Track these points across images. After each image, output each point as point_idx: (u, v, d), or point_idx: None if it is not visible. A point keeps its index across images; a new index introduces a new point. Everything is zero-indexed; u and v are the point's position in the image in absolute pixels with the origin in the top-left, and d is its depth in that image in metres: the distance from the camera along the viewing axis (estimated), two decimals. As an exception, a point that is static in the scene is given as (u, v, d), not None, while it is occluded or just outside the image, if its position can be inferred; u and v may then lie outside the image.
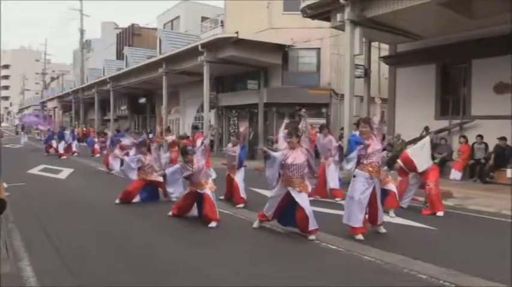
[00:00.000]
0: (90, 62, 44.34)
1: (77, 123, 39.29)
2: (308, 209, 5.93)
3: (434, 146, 13.84)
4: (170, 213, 7.44)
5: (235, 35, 17.52)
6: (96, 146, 20.91)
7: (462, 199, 9.18)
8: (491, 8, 10.93)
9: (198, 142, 8.88)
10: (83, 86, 38.70)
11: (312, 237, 5.95)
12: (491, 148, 12.37)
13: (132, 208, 8.39)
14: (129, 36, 39.49)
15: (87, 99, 38.84)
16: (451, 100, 14.28)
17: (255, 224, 6.65)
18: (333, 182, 9.36)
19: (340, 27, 13.11)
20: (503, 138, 12.01)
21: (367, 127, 6.14)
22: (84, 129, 34.65)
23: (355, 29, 12.12)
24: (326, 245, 5.77)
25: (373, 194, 6.11)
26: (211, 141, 21.70)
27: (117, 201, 8.59)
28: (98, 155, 19.97)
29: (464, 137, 13.16)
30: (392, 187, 7.70)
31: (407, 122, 15.14)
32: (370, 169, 6.04)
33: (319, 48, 19.29)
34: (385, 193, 7.28)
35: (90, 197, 9.60)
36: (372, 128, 6.15)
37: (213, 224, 6.73)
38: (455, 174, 12.70)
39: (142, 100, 33.16)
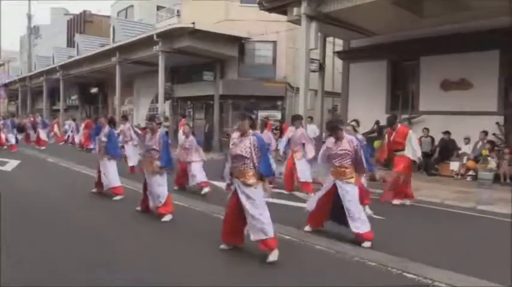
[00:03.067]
0: (38, 49, 42.35)
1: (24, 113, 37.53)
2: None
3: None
4: (138, 208, 7.19)
5: (192, 25, 17.31)
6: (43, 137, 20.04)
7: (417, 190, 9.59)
8: (440, 7, 11.41)
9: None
10: (30, 74, 36.95)
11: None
12: (437, 142, 12.97)
13: (84, 198, 8.17)
14: (81, 23, 38.05)
15: (35, 87, 37.13)
16: (401, 95, 14.81)
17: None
18: (303, 175, 9.10)
19: (297, 22, 13.24)
20: (447, 133, 12.63)
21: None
22: (32, 119, 33.11)
23: (311, 24, 12.30)
24: (281, 236, 5.85)
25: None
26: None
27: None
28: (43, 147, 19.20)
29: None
30: None
31: (360, 116, 15.52)
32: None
33: (275, 42, 19.41)
34: None
35: (38, 188, 9.24)
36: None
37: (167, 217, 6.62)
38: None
39: (94, 90, 32.10)
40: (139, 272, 4.41)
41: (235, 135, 6.36)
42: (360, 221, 5.47)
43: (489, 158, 11.23)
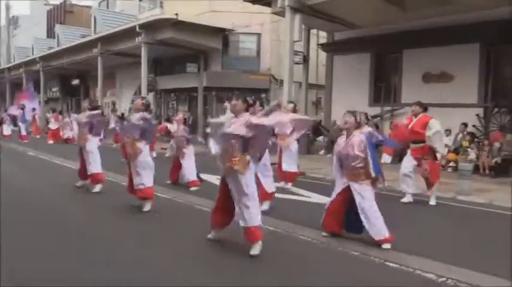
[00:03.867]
0: (17, 39, 41.46)
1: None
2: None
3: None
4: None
5: (175, 16, 17.16)
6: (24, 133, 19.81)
7: (392, 181, 9.70)
8: (422, 1, 11.54)
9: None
10: (9, 65, 36.16)
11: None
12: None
13: (67, 191, 8.08)
14: (61, 14, 37.33)
15: (14, 79, 36.37)
16: (384, 88, 14.97)
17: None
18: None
19: (281, 13, 13.25)
20: (429, 125, 12.79)
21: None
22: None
23: (295, 16, 12.31)
24: (266, 227, 5.88)
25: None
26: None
27: None
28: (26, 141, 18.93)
29: (395, 123, 13.87)
30: None
31: (343, 108, 15.62)
32: None
33: (259, 34, 19.38)
34: None
35: (21, 182, 9.10)
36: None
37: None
38: (386, 158, 13.29)
39: (76, 81, 31.60)
40: (126, 270, 4.39)
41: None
42: (377, 226, 5.08)
43: (469, 150, 11.44)
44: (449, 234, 5.92)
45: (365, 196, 5.08)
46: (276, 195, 7.46)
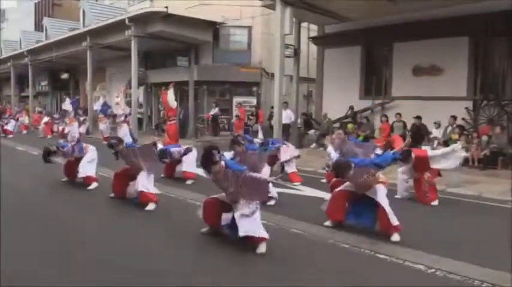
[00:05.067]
0: (4, 33, 40.85)
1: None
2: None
3: (358, 125, 14.63)
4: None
5: (165, 9, 16.99)
6: (7, 127, 19.68)
7: (384, 173, 9.77)
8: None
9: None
10: (-3, 59, 35.67)
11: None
12: (409, 127, 13.23)
13: (55, 187, 8.03)
14: (49, 7, 36.84)
15: (2, 73, 35.86)
16: (374, 81, 15.01)
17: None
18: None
19: (271, 6, 13.19)
20: (419, 117, 12.88)
21: None
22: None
23: (286, 9, 12.24)
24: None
25: None
26: (140, 119, 21.18)
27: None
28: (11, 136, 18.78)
29: (385, 116, 13.93)
30: None
31: (334, 101, 15.73)
32: None
33: (250, 27, 19.29)
34: None
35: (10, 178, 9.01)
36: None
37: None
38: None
39: (65, 76, 31.23)
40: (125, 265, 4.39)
41: None
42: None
43: (458, 142, 11.53)
44: (439, 226, 5.98)
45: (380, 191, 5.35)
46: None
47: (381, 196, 5.30)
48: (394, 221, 5.13)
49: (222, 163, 4.72)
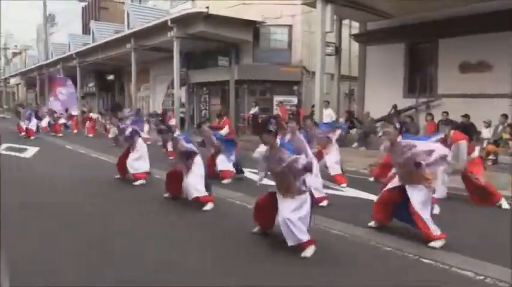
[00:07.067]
0: (54, 36, 42.70)
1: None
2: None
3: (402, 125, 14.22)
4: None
5: (206, 10, 17.21)
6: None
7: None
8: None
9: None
10: (47, 61, 37.33)
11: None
12: (455, 126, 12.74)
13: (102, 184, 8.29)
14: (95, 10, 38.17)
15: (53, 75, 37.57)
16: (419, 79, 14.57)
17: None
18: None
19: (312, 4, 13.08)
20: (467, 116, 12.38)
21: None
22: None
23: (327, 6, 12.12)
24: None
25: None
26: (182, 119, 21.56)
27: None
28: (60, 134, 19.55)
29: (431, 114, 13.49)
30: None
31: (377, 100, 15.40)
32: None
33: (290, 25, 19.20)
34: None
35: (56, 175, 9.39)
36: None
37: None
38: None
39: (111, 77, 32.30)
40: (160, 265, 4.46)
41: None
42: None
43: (510, 142, 11.01)
44: (486, 230, 5.70)
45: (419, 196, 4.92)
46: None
47: (418, 198, 4.92)
48: (433, 231, 4.82)
49: (278, 141, 4.71)
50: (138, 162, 8.42)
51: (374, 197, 6.94)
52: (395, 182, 5.35)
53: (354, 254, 4.69)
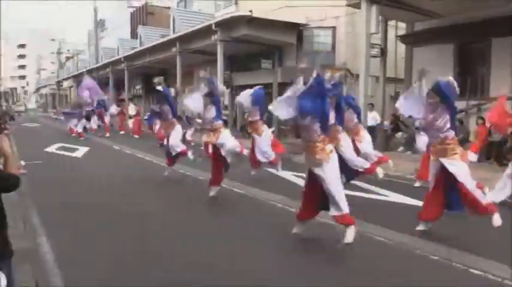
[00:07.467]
0: (104, 41, 44.34)
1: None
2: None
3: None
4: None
5: (249, 13, 17.33)
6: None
7: (478, 180, 9.07)
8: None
9: None
10: (97, 65, 38.81)
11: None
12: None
13: (147, 183, 8.50)
14: (143, 15, 39.30)
15: (102, 78, 38.95)
16: (469, 81, 13.99)
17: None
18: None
19: (356, 5, 12.87)
20: (521, 120, 11.76)
21: None
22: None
23: (372, 7, 11.89)
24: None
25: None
26: (225, 121, 21.74)
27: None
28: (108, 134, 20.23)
29: (482, 118, 12.90)
30: None
31: (424, 102, 14.91)
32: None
33: (334, 27, 18.97)
34: None
35: (104, 175, 9.72)
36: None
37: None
38: (472, 156, 12.49)
39: (157, 80, 33.01)
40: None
41: None
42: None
43: None
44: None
45: (459, 169, 5.03)
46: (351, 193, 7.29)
47: (458, 171, 5.02)
48: (482, 200, 4.85)
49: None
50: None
51: (419, 203, 6.71)
52: (434, 167, 5.29)
53: (399, 263, 4.54)
